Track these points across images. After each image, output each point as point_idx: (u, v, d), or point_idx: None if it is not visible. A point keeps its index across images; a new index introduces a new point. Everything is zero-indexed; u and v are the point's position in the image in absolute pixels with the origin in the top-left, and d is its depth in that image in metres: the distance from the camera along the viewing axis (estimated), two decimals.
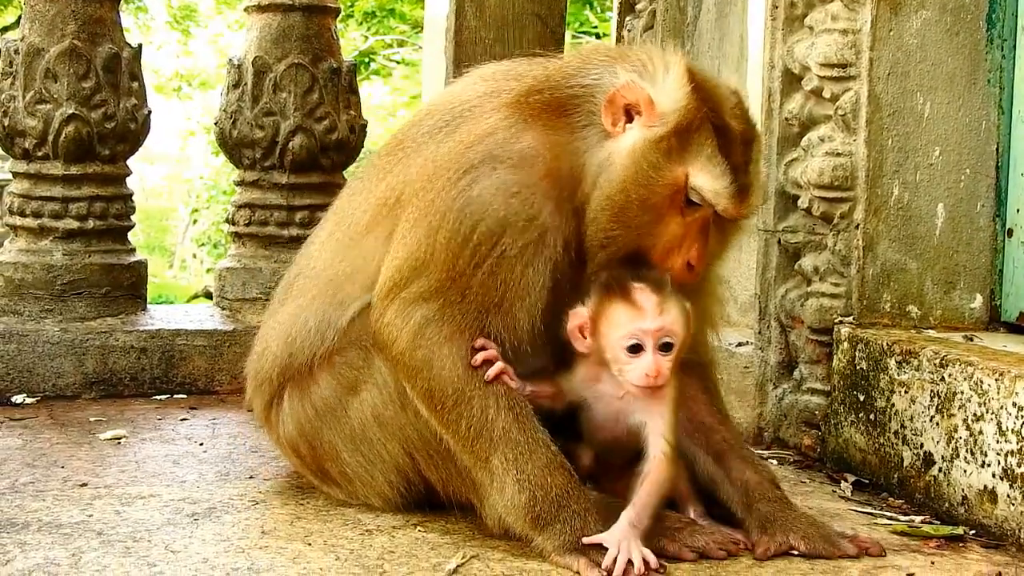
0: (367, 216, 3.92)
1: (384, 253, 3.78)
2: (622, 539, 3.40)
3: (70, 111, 5.74)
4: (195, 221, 28.76)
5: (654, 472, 3.51)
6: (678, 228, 3.58)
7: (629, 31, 6.23)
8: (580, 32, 21.99)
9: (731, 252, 4.04)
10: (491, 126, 3.69)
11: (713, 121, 3.55)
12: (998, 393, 3.82)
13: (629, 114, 3.57)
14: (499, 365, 3.57)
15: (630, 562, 3.35)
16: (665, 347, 3.51)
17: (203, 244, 27.90)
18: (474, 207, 3.58)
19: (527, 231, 3.58)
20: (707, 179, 3.52)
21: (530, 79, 3.79)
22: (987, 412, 3.87)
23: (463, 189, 3.60)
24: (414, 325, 3.60)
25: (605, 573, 3.33)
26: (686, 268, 3.61)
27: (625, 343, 3.51)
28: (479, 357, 3.56)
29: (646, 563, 3.36)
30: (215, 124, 6.47)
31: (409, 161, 3.88)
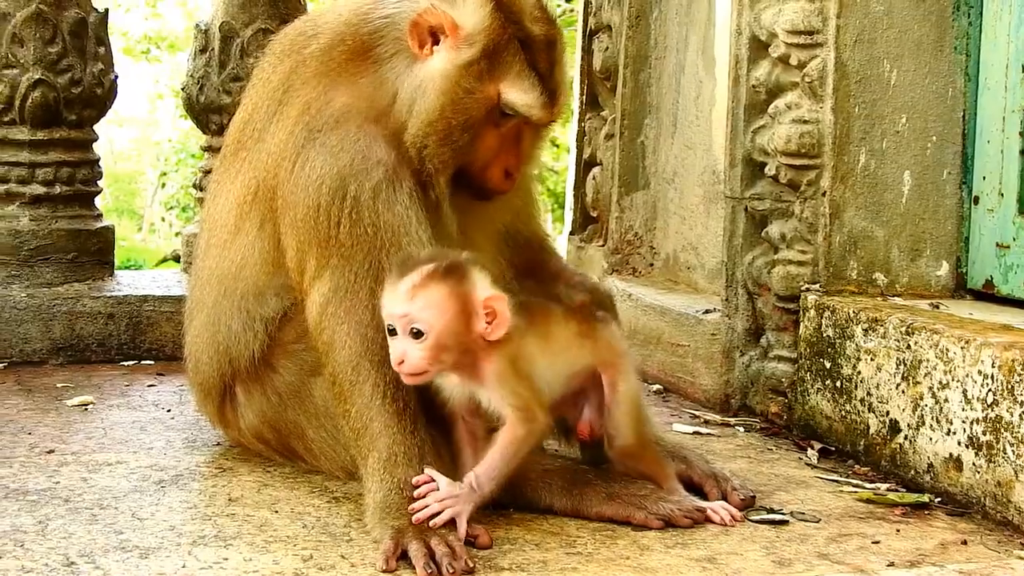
0: (232, 215, 3.98)
1: (261, 241, 3.88)
2: (447, 499, 3.32)
3: (37, 76, 5.71)
4: (164, 184, 28.59)
5: (501, 435, 3.42)
6: (494, 140, 3.70)
7: None
8: None
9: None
10: (304, 102, 3.76)
11: (518, 35, 3.62)
12: (964, 361, 3.84)
13: (435, 36, 3.63)
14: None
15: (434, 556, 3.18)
16: (416, 334, 3.33)
17: (172, 207, 27.76)
18: (313, 178, 3.64)
19: (369, 173, 3.63)
20: (519, 94, 3.61)
21: (328, 33, 3.84)
22: (953, 380, 3.89)
23: (299, 172, 3.68)
24: (318, 307, 3.63)
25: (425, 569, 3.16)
26: (505, 176, 3.74)
27: (386, 325, 3.40)
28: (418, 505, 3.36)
29: (452, 551, 3.19)
30: (182, 89, 6.45)
31: (253, 158, 3.93)
